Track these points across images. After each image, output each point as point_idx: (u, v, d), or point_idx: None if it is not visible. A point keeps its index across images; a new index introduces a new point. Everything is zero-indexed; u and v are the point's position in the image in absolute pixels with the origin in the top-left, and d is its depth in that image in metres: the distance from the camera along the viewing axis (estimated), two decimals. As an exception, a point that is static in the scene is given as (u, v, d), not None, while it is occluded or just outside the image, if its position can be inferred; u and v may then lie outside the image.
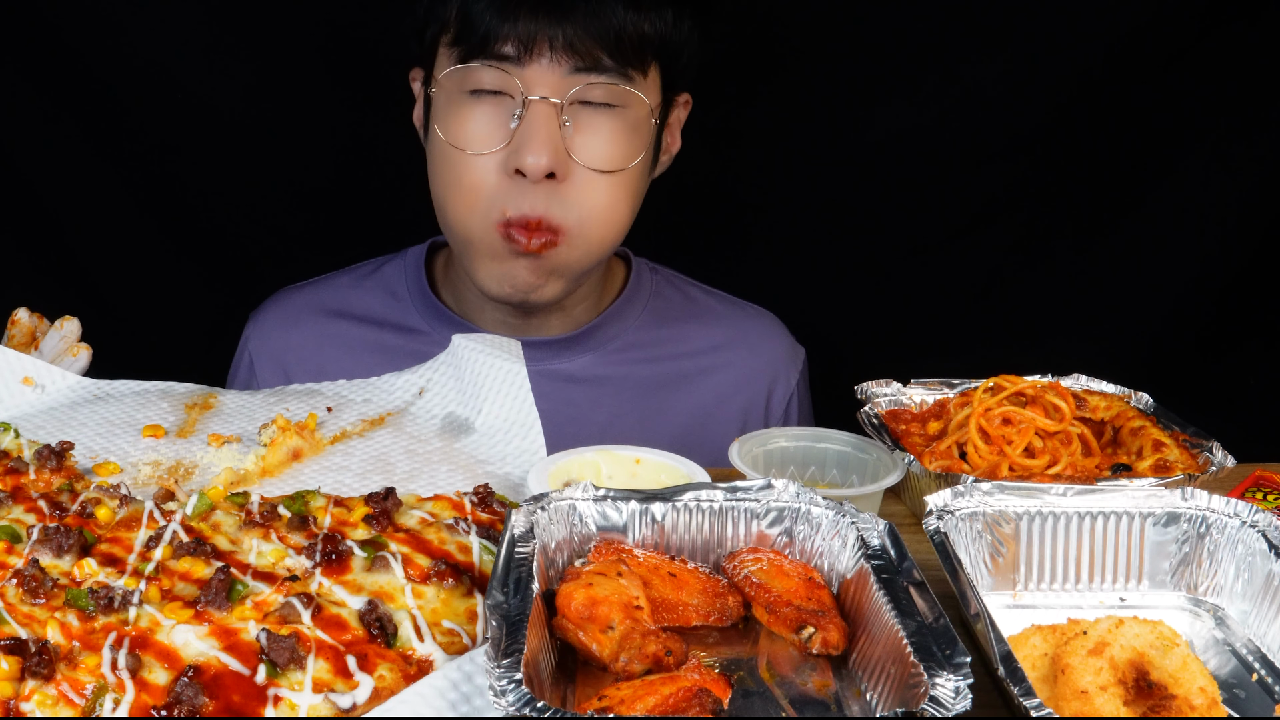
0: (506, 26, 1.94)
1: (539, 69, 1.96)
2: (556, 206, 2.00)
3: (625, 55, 1.98)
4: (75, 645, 1.24)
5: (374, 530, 1.48)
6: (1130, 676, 1.24)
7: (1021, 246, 2.78)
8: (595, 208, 2.03)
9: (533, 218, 1.99)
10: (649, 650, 1.23)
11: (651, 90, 2.06)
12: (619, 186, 2.04)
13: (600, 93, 1.98)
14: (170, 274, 2.71)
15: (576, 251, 2.06)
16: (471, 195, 2.02)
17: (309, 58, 2.59)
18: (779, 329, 2.41)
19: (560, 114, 1.97)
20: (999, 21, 2.60)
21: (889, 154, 2.69)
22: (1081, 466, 1.69)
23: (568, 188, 2.00)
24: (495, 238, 2.03)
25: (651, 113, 2.05)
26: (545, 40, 1.94)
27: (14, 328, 1.96)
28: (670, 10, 2.03)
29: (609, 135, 2.01)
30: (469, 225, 2.06)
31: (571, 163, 1.99)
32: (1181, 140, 2.68)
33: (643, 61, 2.02)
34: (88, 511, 1.49)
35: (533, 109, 1.96)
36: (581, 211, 2.02)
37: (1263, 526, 1.43)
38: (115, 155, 2.63)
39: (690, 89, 2.19)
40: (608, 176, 2.02)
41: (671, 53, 2.07)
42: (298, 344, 2.29)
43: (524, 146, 1.96)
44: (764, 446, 1.78)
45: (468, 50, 1.98)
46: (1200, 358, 2.80)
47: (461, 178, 2.03)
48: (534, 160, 1.95)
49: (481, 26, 1.95)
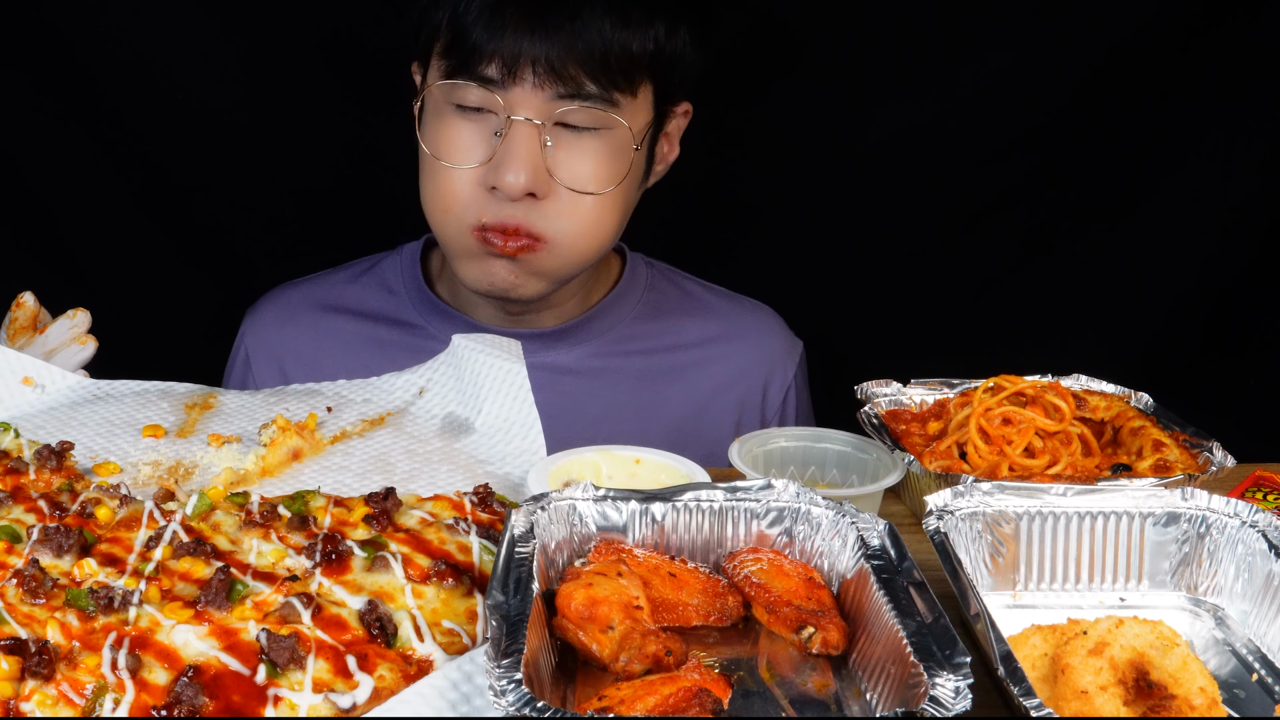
0: (492, 44, 1.94)
1: (522, 91, 1.96)
2: (537, 218, 2.02)
3: (610, 78, 1.97)
4: (75, 645, 1.24)
5: (374, 530, 1.48)
6: (1130, 676, 1.24)
7: (1021, 246, 2.78)
8: (578, 223, 2.04)
9: (510, 224, 2.01)
10: (649, 650, 1.23)
11: (640, 110, 2.05)
12: (603, 202, 2.04)
13: (582, 117, 1.99)
14: (169, 273, 2.71)
15: (557, 260, 2.07)
16: (449, 201, 2.05)
17: (307, 57, 2.59)
18: (776, 322, 2.41)
19: (542, 134, 1.97)
20: (998, 22, 2.60)
21: (889, 154, 2.69)
22: (1081, 466, 1.69)
23: (548, 204, 2.01)
24: (470, 240, 2.05)
25: (637, 134, 2.05)
26: (528, 63, 1.94)
27: (18, 310, 1.96)
28: (662, 25, 2.02)
29: (591, 157, 2.01)
30: (444, 227, 2.09)
31: (552, 182, 2.00)
32: (1181, 141, 2.68)
33: (630, 82, 2.00)
34: (88, 511, 1.49)
35: (514, 128, 1.97)
36: (563, 224, 2.03)
37: (1263, 526, 1.44)
38: (114, 154, 2.63)
39: (691, 97, 2.19)
40: (590, 195, 2.03)
41: (665, 67, 2.06)
42: (294, 339, 2.30)
43: (503, 165, 1.97)
44: (764, 446, 1.78)
45: (454, 66, 1.99)
46: (1200, 358, 2.80)
47: (440, 185, 2.05)
48: (512, 179, 1.96)
49: (468, 41, 1.96)
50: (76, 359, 1.92)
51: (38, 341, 1.93)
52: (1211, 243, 2.75)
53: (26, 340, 1.94)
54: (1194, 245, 2.75)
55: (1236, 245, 2.75)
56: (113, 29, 2.52)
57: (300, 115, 2.61)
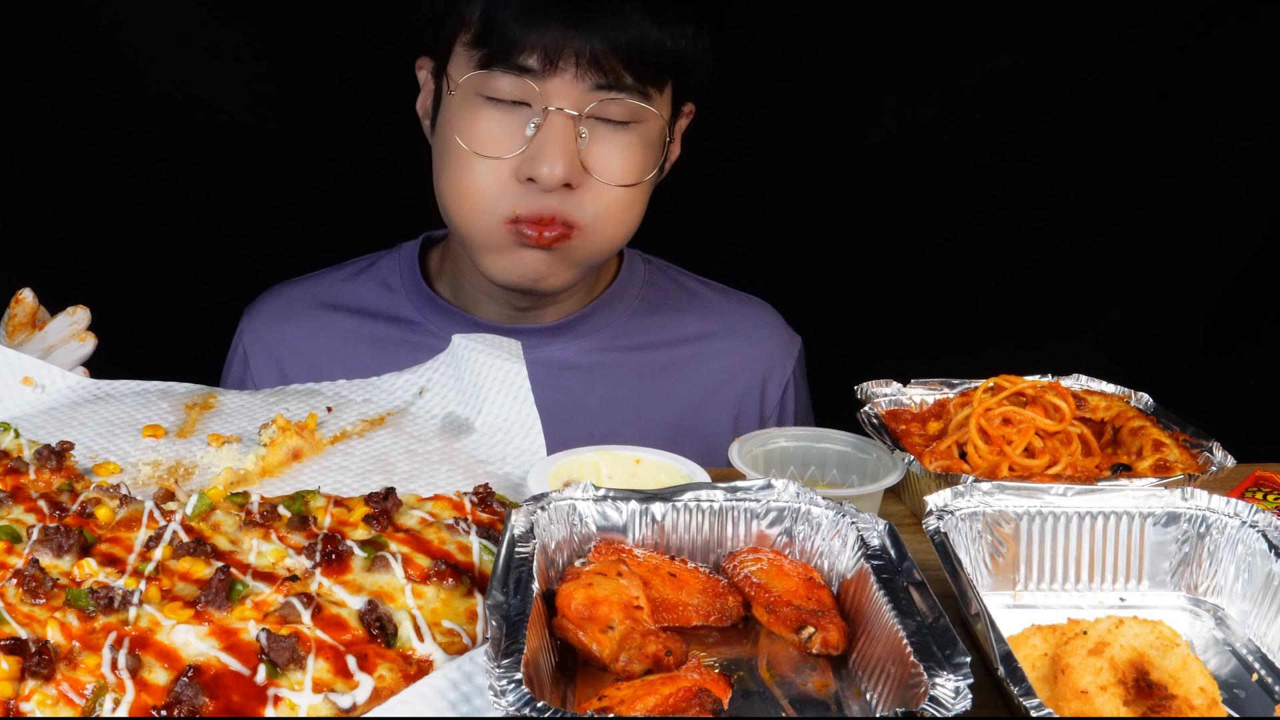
0: (533, 36, 1.94)
1: (561, 82, 1.96)
2: (572, 207, 2.02)
3: (645, 71, 1.99)
4: (75, 645, 1.24)
5: (374, 530, 1.48)
6: (1130, 676, 1.24)
7: (1021, 246, 2.78)
8: (609, 210, 2.05)
9: (546, 214, 2.01)
10: (649, 650, 1.23)
11: (665, 105, 2.08)
12: (631, 192, 2.06)
13: (619, 109, 2.00)
14: (169, 272, 2.71)
15: (589, 246, 2.08)
16: (478, 195, 2.03)
17: (307, 56, 2.59)
18: (774, 318, 2.42)
19: (577, 125, 1.97)
20: (998, 22, 2.60)
21: (889, 154, 2.70)
22: (1081, 466, 1.69)
23: (581, 193, 2.02)
24: (502, 233, 2.04)
25: (668, 128, 2.08)
26: (570, 54, 1.94)
27: (17, 306, 1.96)
28: (691, 26, 2.04)
29: (624, 150, 2.03)
30: (471, 222, 2.06)
31: (585, 174, 2.01)
32: (1181, 140, 2.68)
33: (660, 77, 2.03)
34: (88, 511, 1.49)
35: (551, 119, 1.97)
36: (596, 210, 2.04)
37: (1263, 526, 1.44)
38: (114, 153, 2.63)
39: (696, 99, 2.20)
40: (621, 187, 2.03)
41: (686, 68, 2.08)
42: (292, 337, 2.30)
43: (540, 156, 1.97)
44: (764, 446, 1.78)
45: (489, 56, 1.98)
46: (1200, 358, 2.80)
47: (469, 178, 2.03)
48: (549, 170, 1.96)
49: (507, 34, 1.95)
50: (75, 355, 1.92)
51: (37, 338, 1.93)
52: (1211, 243, 2.75)
53: (25, 337, 1.94)
54: (1194, 245, 2.75)
55: (1236, 245, 2.75)
56: (113, 29, 2.52)
57: (300, 115, 2.62)
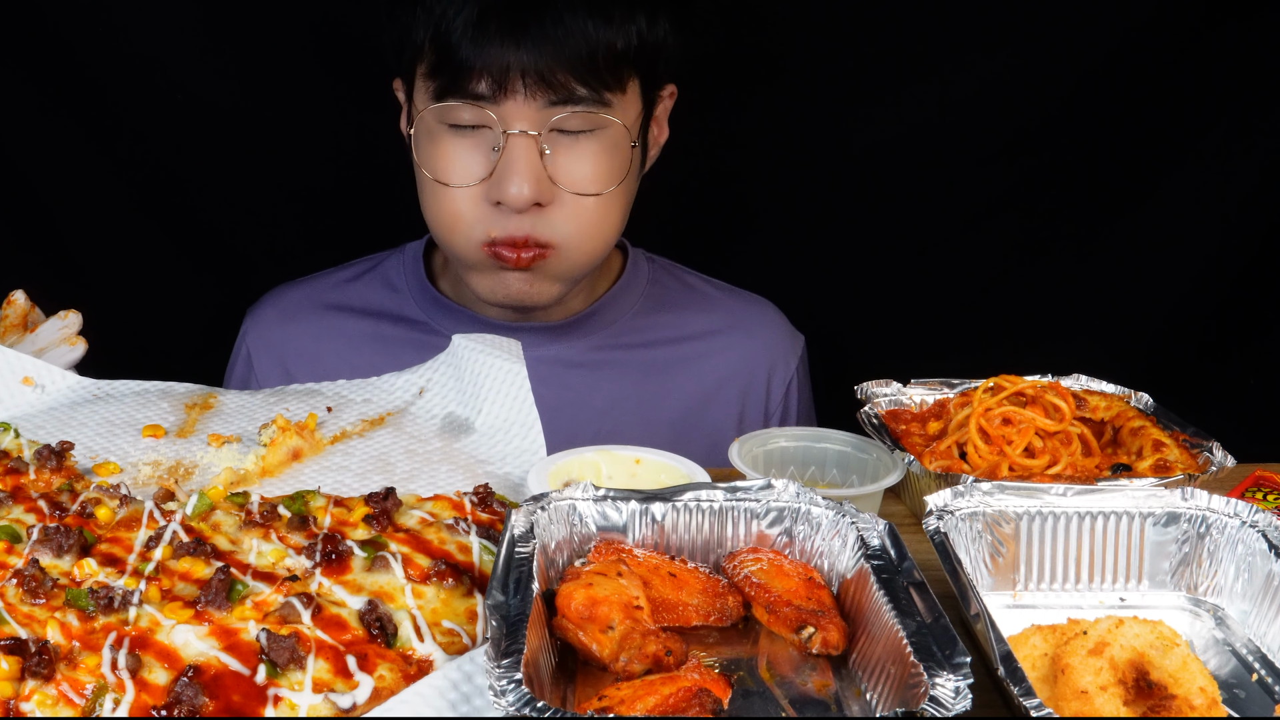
0: (479, 60, 1.93)
1: (515, 105, 1.96)
2: (544, 227, 2.03)
3: (600, 79, 1.98)
4: (75, 645, 1.24)
5: (374, 530, 1.48)
6: (1130, 676, 1.24)
7: (1021, 246, 2.78)
8: (584, 225, 2.05)
9: (519, 236, 2.02)
10: (649, 650, 1.23)
11: (631, 104, 2.06)
12: (606, 200, 2.05)
13: (577, 121, 1.99)
14: (168, 272, 2.71)
15: (567, 262, 2.08)
16: (455, 221, 2.05)
17: (306, 56, 2.59)
18: (777, 316, 2.42)
19: (539, 143, 1.97)
20: (999, 22, 2.60)
21: (888, 153, 2.69)
22: (1081, 466, 1.69)
23: (553, 210, 2.02)
24: (481, 255, 2.06)
25: (632, 130, 2.06)
26: (517, 76, 1.94)
27: (9, 308, 1.96)
28: (642, 16, 2.02)
29: (590, 159, 2.02)
30: (453, 246, 2.10)
31: (555, 188, 2.01)
32: (1181, 141, 2.68)
33: (619, 79, 2.01)
34: (88, 511, 1.49)
35: (511, 142, 1.97)
36: (570, 228, 2.04)
37: (1263, 526, 1.43)
38: (113, 153, 2.62)
39: (677, 79, 2.18)
40: (593, 196, 2.03)
41: (650, 58, 2.06)
42: (296, 337, 2.30)
43: (505, 179, 1.98)
44: (764, 446, 1.78)
45: (442, 87, 1.98)
46: (1200, 357, 2.80)
47: (445, 205, 2.05)
48: (516, 192, 1.97)
49: (455, 59, 1.95)
50: (65, 359, 1.92)
51: (28, 340, 1.93)
52: (1211, 243, 2.75)
53: (17, 338, 1.94)
54: (1194, 245, 2.75)
55: (1237, 245, 2.74)
56: (113, 29, 2.52)
57: (300, 115, 2.61)
